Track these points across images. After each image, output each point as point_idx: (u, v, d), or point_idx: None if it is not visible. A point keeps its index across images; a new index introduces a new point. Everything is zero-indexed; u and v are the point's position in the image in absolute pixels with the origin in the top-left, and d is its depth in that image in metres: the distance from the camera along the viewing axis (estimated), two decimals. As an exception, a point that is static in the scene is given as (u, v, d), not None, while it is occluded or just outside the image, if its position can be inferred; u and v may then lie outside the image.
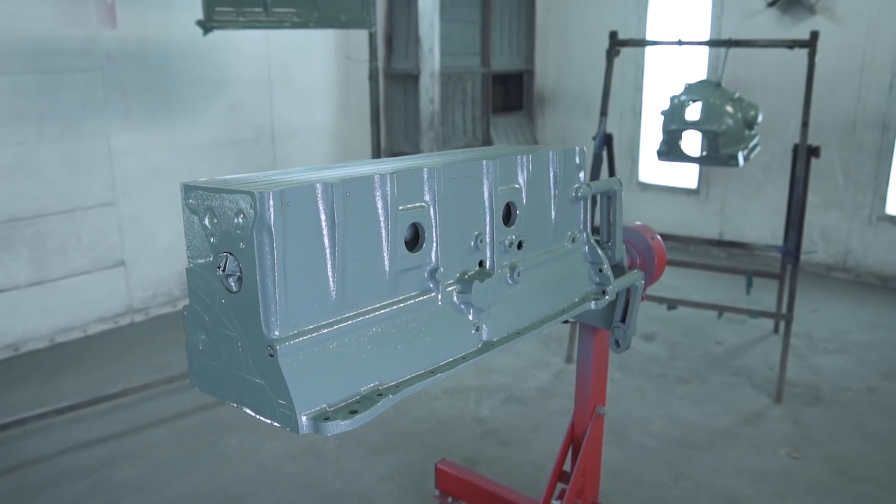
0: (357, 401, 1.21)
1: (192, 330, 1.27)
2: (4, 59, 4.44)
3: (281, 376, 1.13)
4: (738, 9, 6.65)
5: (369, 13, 4.44)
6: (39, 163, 4.68)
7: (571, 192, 1.80)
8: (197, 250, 1.22)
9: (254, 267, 1.11)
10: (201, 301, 1.23)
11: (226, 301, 1.18)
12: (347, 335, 1.23)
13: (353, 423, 1.16)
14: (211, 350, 1.25)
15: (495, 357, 1.51)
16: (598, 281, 1.86)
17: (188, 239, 1.23)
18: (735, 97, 4.48)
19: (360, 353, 1.25)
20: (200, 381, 1.30)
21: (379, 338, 1.29)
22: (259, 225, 1.09)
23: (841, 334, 5.12)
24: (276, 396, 1.15)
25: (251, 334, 1.15)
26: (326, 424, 1.13)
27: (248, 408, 1.22)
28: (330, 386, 1.19)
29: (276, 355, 1.12)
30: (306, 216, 1.15)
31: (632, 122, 7.63)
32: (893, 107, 6.00)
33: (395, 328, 1.32)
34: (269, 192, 1.09)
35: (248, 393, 1.21)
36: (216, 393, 1.28)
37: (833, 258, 6.53)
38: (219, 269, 1.17)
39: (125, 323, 5.29)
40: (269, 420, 1.19)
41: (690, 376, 4.46)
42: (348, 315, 1.24)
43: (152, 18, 5.08)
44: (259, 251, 1.10)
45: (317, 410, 1.16)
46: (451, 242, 1.43)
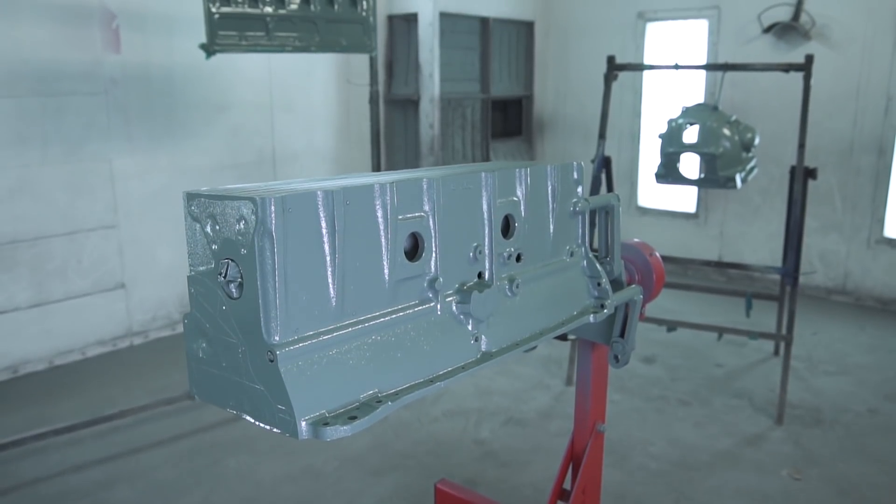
0: (356, 407, 1.21)
1: (193, 337, 1.27)
2: (9, 82, 4.49)
3: (280, 381, 1.13)
4: (735, 35, 6.73)
5: (370, 38, 4.50)
6: (42, 185, 4.71)
7: (570, 206, 1.81)
8: (198, 258, 1.23)
9: (255, 272, 1.12)
10: (202, 308, 1.24)
11: (227, 307, 1.19)
12: (347, 342, 1.24)
13: (353, 429, 1.16)
14: (211, 357, 1.25)
15: (494, 367, 1.52)
16: (597, 295, 1.86)
17: (190, 246, 1.25)
18: (732, 120, 4.53)
19: (360, 360, 1.26)
20: (200, 390, 1.31)
21: (378, 346, 1.29)
22: (260, 230, 1.10)
23: (841, 357, 5.11)
24: (276, 402, 1.15)
25: (251, 340, 1.16)
26: (325, 429, 1.14)
27: (248, 414, 1.23)
28: (329, 392, 1.20)
29: (276, 360, 1.13)
30: (307, 223, 1.17)
31: (630, 147, 7.68)
32: (889, 130, 6.06)
33: (395, 336, 1.33)
34: (270, 198, 1.10)
35: (248, 400, 1.22)
36: (216, 400, 1.29)
37: (832, 281, 6.54)
38: (220, 276, 1.18)
39: (124, 346, 5.28)
40: (269, 426, 1.19)
41: (691, 398, 4.44)
42: (348, 322, 1.25)
43: (156, 43, 5.15)
44: (260, 257, 1.11)
45: (316, 416, 1.16)
46: (450, 253, 1.44)
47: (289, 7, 4.07)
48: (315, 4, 4.17)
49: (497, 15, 7.57)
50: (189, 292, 1.26)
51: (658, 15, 7.34)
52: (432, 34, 6.86)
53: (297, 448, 3.81)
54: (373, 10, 4.47)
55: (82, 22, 4.77)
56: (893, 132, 6.05)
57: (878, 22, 6.01)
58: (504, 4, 7.63)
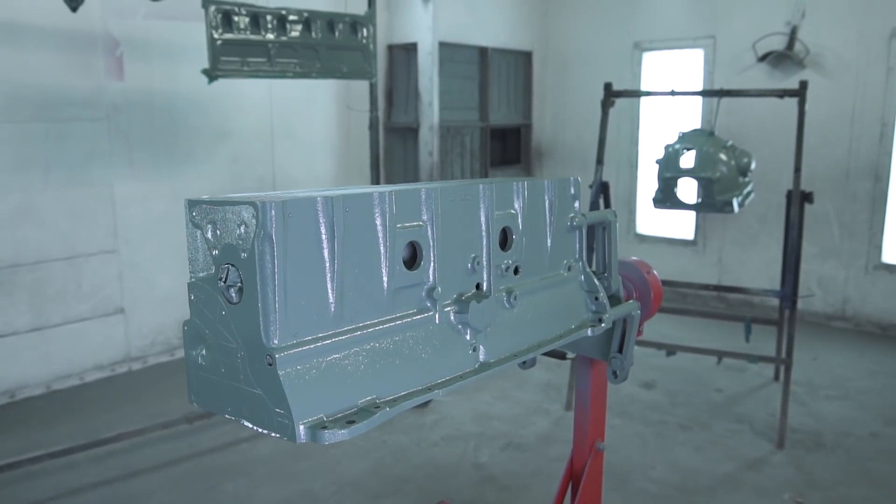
0: (354, 412, 1.22)
1: (192, 344, 1.28)
2: (13, 107, 4.55)
3: (279, 385, 1.14)
4: (730, 64, 6.82)
5: (370, 65, 4.56)
6: (43, 209, 4.73)
7: (567, 221, 1.83)
8: (199, 264, 1.24)
9: (255, 276, 1.13)
10: (202, 314, 1.25)
11: (226, 312, 1.20)
12: (346, 348, 1.25)
13: (351, 433, 1.17)
14: (210, 363, 1.26)
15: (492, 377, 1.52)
16: (595, 309, 1.87)
17: (190, 254, 1.26)
18: (728, 145, 4.58)
19: (358, 366, 1.26)
20: (199, 397, 1.31)
21: (377, 352, 1.30)
22: (261, 234, 1.12)
23: (842, 381, 5.10)
24: (274, 406, 1.16)
25: (251, 344, 1.17)
26: (324, 433, 1.14)
27: (246, 420, 1.23)
28: (327, 397, 1.20)
29: (275, 364, 1.13)
30: (307, 228, 1.18)
31: (628, 175, 7.74)
32: (885, 157, 6.11)
33: (393, 344, 1.34)
34: (271, 203, 1.12)
35: (247, 405, 1.22)
36: (214, 407, 1.29)
37: (831, 307, 6.54)
38: (220, 281, 1.19)
39: (122, 371, 5.26)
40: (267, 430, 1.19)
41: (691, 423, 4.42)
42: (347, 328, 1.26)
43: (159, 71, 5.22)
44: (260, 260, 1.13)
45: (314, 420, 1.16)
46: (448, 263, 1.45)
47: (290, 34, 4.13)
48: (316, 32, 4.24)
49: (495, 45, 7.68)
50: (189, 299, 1.27)
51: (654, 45, 7.45)
52: (432, 63, 6.96)
53: (295, 473, 3.78)
54: (373, 37, 4.53)
55: (86, 49, 4.84)
56: (889, 158, 6.11)
57: (871, 50, 6.10)
58: (502, 34, 7.74)
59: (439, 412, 4.57)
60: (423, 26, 6.91)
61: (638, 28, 7.50)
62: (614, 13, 7.65)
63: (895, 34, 5.98)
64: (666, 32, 7.32)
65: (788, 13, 6.43)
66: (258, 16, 3.99)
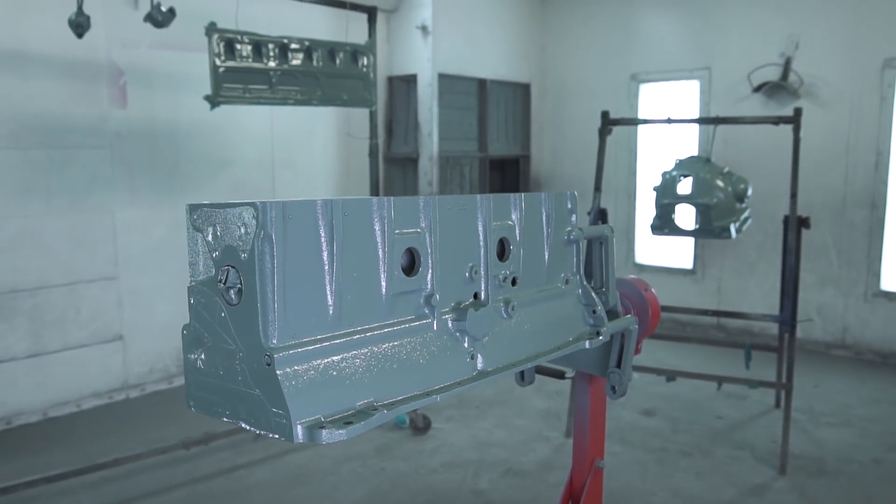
0: (352, 414, 1.22)
1: (191, 348, 1.29)
2: (18, 134, 4.60)
3: (277, 384, 1.14)
4: (725, 94, 6.91)
5: (370, 93, 4.63)
6: (44, 235, 4.76)
7: (564, 234, 1.84)
8: (199, 268, 1.26)
9: (254, 276, 1.15)
10: (201, 317, 1.26)
11: (225, 314, 1.21)
12: (344, 351, 1.25)
13: (349, 433, 1.17)
14: (209, 367, 1.26)
15: (490, 384, 1.52)
16: (592, 322, 1.88)
17: (191, 258, 1.27)
18: (725, 171, 4.62)
19: (356, 369, 1.27)
20: (197, 402, 1.31)
21: (375, 357, 1.31)
22: (261, 235, 1.13)
23: (843, 408, 5.07)
24: (272, 406, 1.16)
25: (249, 345, 1.18)
26: (321, 433, 1.14)
27: (244, 422, 1.23)
28: (325, 399, 1.20)
29: (273, 364, 1.14)
30: (306, 230, 1.20)
31: (626, 205, 7.78)
32: (881, 185, 6.16)
33: (391, 349, 1.34)
34: (271, 203, 1.14)
35: (245, 407, 1.22)
36: (212, 411, 1.29)
37: (831, 336, 6.53)
38: (220, 283, 1.20)
39: (120, 398, 5.23)
40: (265, 431, 1.19)
41: (692, 449, 4.38)
42: (345, 332, 1.26)
43: (161, 99, 5.29)
44: (260, 261, 1.14)
45: (312, 420, 1.16)
46: (446, 271, 1.46)
47: (291, 62, 4.20)
48: (317, 60, 4.31)
49: (494, 77, 7.78)
50: (188, 303, 1.28)
51: (651, 76, 7.55)
52: (431, 94, 7.05)
53: (291, 500, 3.74)
54: (373, 66, 4.60)
55: (91, 78, 4.92)
56: (885, 186, 6.16)
57: (865, 80, 6.18)
58: (501, 67, 7.85)
59: (438, 439, 4.54)
60: (423, 58, 7.01)
61: (635, 60, 7.61)
62: (611, 45, 7.77)
63: (887, 64, 6.08)
64: (662, 64, 7.43)
65: (782, 45, 6.53)
66: (260, 44, 4.06)
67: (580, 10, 8.01)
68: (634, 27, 7.60)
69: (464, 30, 7.30)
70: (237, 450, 4.36)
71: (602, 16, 7.84)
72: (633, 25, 7.61)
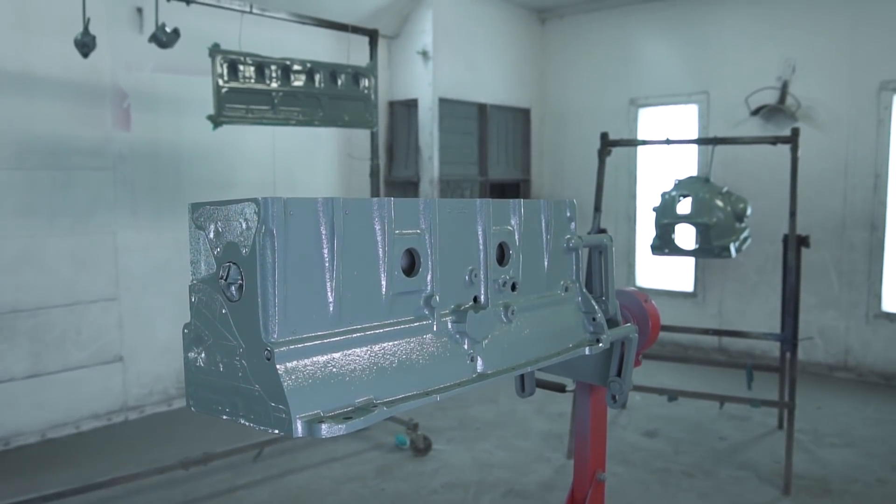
0: (352, 410, 1.22)
1: (191, 347, 1.29)
2: (22, 155, 4.64)
3: (277, 379, 1.15)
4: (724, 118, 6.97)
5: (371, 114, 4.67)
6: (46, 255, 4.77)
7: (563, 242, 1.86)
8: (200, 266, 1.27)
9: (255, 271, 1.15)
10: (201, 315, 1.27)
11: (226, 310, 1.22)
12: (343, 348, 1.26)
13: (348, 428, 1.17)
14: (208, 365, 1.27)
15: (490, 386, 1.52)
16: (592, 330, 1.88)
17: (192, 256, 1.28)
18: (724, 191, 4.65)
19: (356, 367, 1.27)
20: (196, 401, 1.31)
21: (374, 355, 1.31)
22: (262, 230, 1.15)
23: (846, 429, 5.03)
24: (272, 400, 1.16)
25: (250, 340, 1.18)
26: (321, 427, 1.14)
27: (243, 419, 1.23)
28: (325, 395, 1.20)
29: (273, 358, 1.14)
30: (307, 227, 1.21)
31: (627, 228, 7.81)
32: (880, 206, 6.18)
33: (391, 348, 1.35)
34: (273, 199, 1.16)
35: (244, 403, 1.22)
36: (211, 410, 1.29)
37: (833, 357, 6.50)
38: (221, 279, 1.21)
39: (119, 420, 5.20)
40: (264, 427, 1.19)
41: (695, 470, 4.35)
42: (345, 329, 1.27)
43: (165, 122, 5.34)
44: (261, 256, 1.15)
45: (311, 415, 1.16)
46: (446, 273, 1.47)
47: (294, 83, 4.25)
48: (319, 81, 4.36)
49: (494, 102, 7.85)
50: (189, 301, 1.29)
51: (649, 101, 7.62)
52: (432, 119, 7.11)
53: (291, 519, 3.71)
54: (374, 88, 4.66)
55: (95, 100, 4.97)
56: (884, 208, 6.18)
57: (861, 103, 6.24)
58: (501, 92, 7.93)
59: (439, 460, 4.51)
60: (424, 82, 7.09)
61: (633, 85, 7.69)
62: (610, 71, 7.85)
63: (884, 87, 6.14)
64: (661, 89, 7.51)
65: (779, 69, 6.61)
66: (263, 65, 4.11)
67: (579, 37, 8.11)
68: (633, 53, 7.69)
69: (464, 55, 7.39)
70: (236, 471, 4.32)
71: (601, 42, 7.93)
72: (631, 51, 7.70)
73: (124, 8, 5.05)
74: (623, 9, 7.69)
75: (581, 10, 7.96)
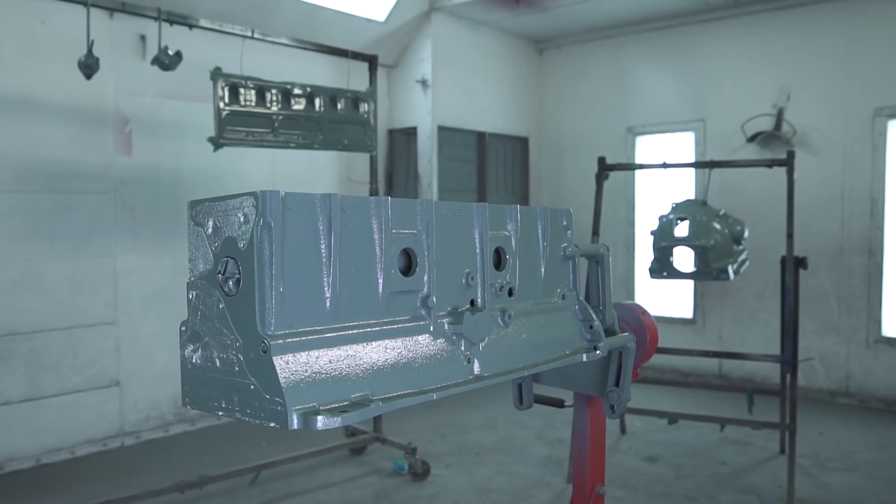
0: (348, 404, 1.22)
1: (188, 343, 1.30)
2: (24, 178, 4.67)
3: (273, 371, 1.15)
4: (720, 145, 7.02)
5: (371, 138, 4.72)
6: (45, 278, 4.78)
7: (560, 250, 1.87)
8: (198, 262, 1.28)
9: (252, 263, 1.16)
10: (198, 311, 1.27)
11: (223, 305, 1.23)
12: (340, 344, 1.26)
13: (345, 421, 1.17)
14: (205, 361, 1.27)
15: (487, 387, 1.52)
16: (590, 338, 1.88)
17: (191, 253, 1.30)
18: (721, 214, 4.67)
19: (352, 364, 1.27)
20: (192, 399, 1.31)
21: (371, 353, 1.31)
22: (260, 223, 1.16)
23: (849, 454, 4.99)
24: (268, 393, 1.16)
25: (246, 334, 1.19)
26: (316, 419, 1.14)
27: (239, 414, 1.22)
28: (321, 389, 1.20)
29: (269, 350, 1.15)
30: (305, 222, 1.22)
31: (625, 256, 7.82)
32: (877, 231, 6.20)
33: (388, 347, 1.35)
34: (270, 192, 1.17)
35: (240, 398, 1.22)
36: (207, 406, 1.29)
37: (835, 383, 6.47)
38: (219, 274, 1.22)
39: (115, 446, 5.16)
40: (260, 421, 1.19)
41: (697, 494, 4.30)
42: (342, 325, 1.27)
43: (166, 148, 5.38)
44: (259, 248, 1.16)
45: (308, 407, 1.16)
46: (442, 274, 1.47)
47: (294, 107, 4.29)
48: (319, 105, 4.41)
49: (493, 130, 7.92)
50: (187, 298, 1.29)
51: (646, 129, 7.69)
52: (431, 146, 7.17)
53: (287, 544, 3.66)
54: (374, 112, 4.71)
55: (98, 125, 5.02)
56: (881, 233, 6.20)
57: (856, 129, 6.30)
58: (499, 121, 8.01)
59: (438, 485, 4.46)
60: (423, 111, 7.17)
61: (630, 113, 7.77)
62: (607, 99, 7.94)
63: (878, 113, 6.20)
64: (657, 117, 7.58)
65: (774, 96, 6.68)
66: (264, 89, 4.16)
67: (576, 66, 8.22)
68: (629, 82, 7.78)
69: (463, 84, 7.48)
70: (232, 495, 4.27)
71: (598, 71, 8.03)
72: (627, 80, 7.79)
73: (128, 35, 5.12)
74: (619, 39, 7.80)
75: (578, 40, 8.08)
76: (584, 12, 7.23)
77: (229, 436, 5.49)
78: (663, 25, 7.42)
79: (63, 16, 4.71)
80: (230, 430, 5.61)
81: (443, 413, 5.96)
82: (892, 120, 6.22)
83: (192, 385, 1.30)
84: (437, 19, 7.09)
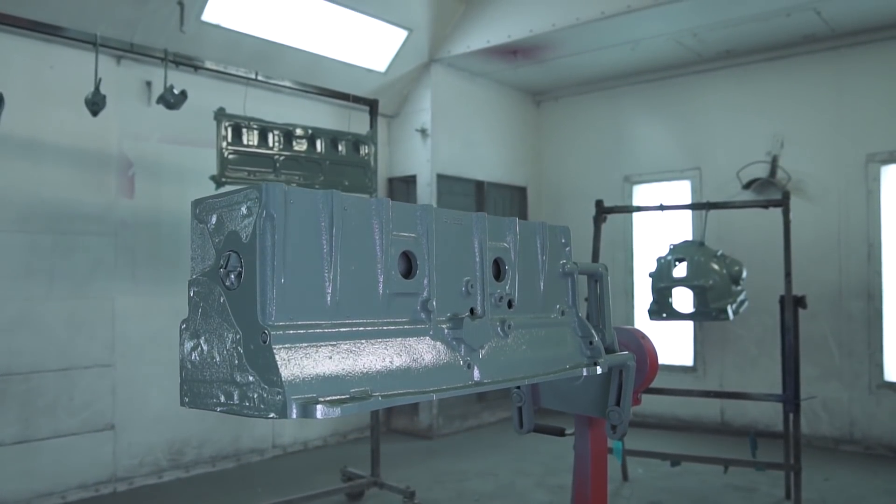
0: (348, 397, 1.21)
1: (188, 341, 1.30)
2: (26, 218, 4.71)
3: (273, 360, 1.15)
4: (716, 192, 7.09)
5: (371, 180, 4.78)
6: (43, 319, 4.76)
7: (559, 267, 1.88)
8: (200, 259, 1.29)
9: (254, 255, 1.17)
10: (199, 309, 1.28)
11: (224, 299, 1.23)
12: (340, 340, 1.26)
13: (344, 411, 1.16)
14: (204, 357, 1.27)
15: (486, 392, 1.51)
16: (589, 354, 1.88)
17: (193, 251, 1.31)
18: (719, 254, 4.70)
19: (352, 360, 1.27)
20: (191, 399, 1.31)
21: (371, 351, 1.31)
22: (263, 214, 1.17)
23: (856, 499, 4.88)
24: (267, 384, 1.16)
25: (247, 326, 1.19)
26: (315, 408, 1.13)
27: (237, 410, 1.22)
28: (320, 382, 1.20)
29: (269, 340, 1.15)
30: (307, 217, 1.24)
31: (624, 303, 7.82)
32: (875, 276, 6.22)
33: (388, 346, 1.35)
34: (273, 184, 1.19)
35: (239, 392, 1.22)
36: (206, 405, 1.28)
37: (839, 430, 6.38)
38: (221, 269, 1.23)
39: (107, 492, 5.05)
40: (259, 414, 1.18)
41: (702, 539, 4.20)
42: (342, 321, 1.28)
43: (168, 191, 5.43)
44: (261, 239, 1.17)
45: (307, 397, 1.16)
46: (442, 279, 1.48)
47: (295, 148, 4.36)
48: (320, 147, 4.48)
49: (491, 179, 8.01)
50: (188, 296, 1.30)
51: (643, 178, 7.79)
52: (430, 194, 7.24)
53: (282, 588, 3.55)
54: (374, 155, 4.78)
55: (101, 168, 5.08)
56: (879, 277, 6.21)
57: (850, 175, 6.38)
58: (498, 170, 8.10)
59: (436, 530, 4.36)
60: (423, 159, 7.27)
61: (627, 162, 7.87)
62: (604, 149, 8.06)
63: (871, 159, 6.29)
64: (653, 166, 7.68)
65: (768, 144, 6.79)
66: (266, 130, 4.24)
67: (573, 117, 8.37)
68: (625, 132, 7.91)
69: (462, 134, 7.60)
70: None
71: (594, 122, 8.18)
72: (624, 130, 7.93)
73: (134, 80, 5.23)
74: (615, 90, 7.97)
75: (574, 91, 8.25)
76: (581, 64, 7.41)
77: (223, 483, 5.38)
78: (658, 77, 7.59)
79: (71, 61, 4.82)
80: (224, 477, 5.51)
81: (442, 460, 5.86)
82: (885, 165, 6.31)
83: (191, 384, 1.29)
84: (436, 70, 7.26)
